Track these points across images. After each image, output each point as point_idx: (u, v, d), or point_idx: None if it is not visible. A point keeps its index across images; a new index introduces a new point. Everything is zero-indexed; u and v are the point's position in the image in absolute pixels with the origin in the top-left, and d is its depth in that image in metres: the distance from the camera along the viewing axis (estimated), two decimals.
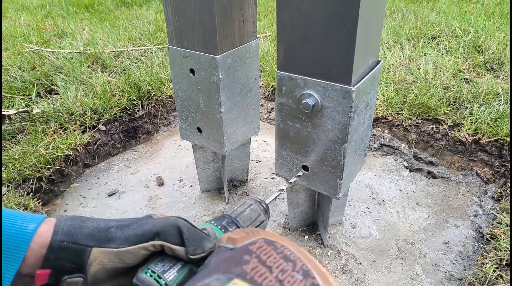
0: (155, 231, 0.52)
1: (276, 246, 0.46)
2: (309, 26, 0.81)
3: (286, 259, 0.44)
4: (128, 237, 0.52)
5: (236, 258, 0.44)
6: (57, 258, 0.50)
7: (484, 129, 1.55)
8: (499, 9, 3.21)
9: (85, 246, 0.51)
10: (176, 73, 1.17)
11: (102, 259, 0.51)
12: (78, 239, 0.51)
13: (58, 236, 0.50)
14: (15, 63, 2.20)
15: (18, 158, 1.45)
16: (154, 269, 0.51)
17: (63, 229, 0.51)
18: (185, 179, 1.61)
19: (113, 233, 0.53)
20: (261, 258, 0.44)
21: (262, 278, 0.41)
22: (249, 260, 0.43)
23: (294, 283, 0.41)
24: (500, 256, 1.09)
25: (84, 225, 0.53)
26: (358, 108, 0.88)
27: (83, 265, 0.51)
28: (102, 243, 0.52)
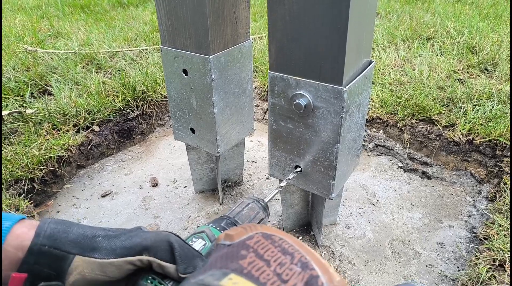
0: (145, 245, 0.49)
1: (274, 239, 0.45)
2: (300, 27, 0.81)
3: (284, 252, 0.43)
4: (115, 248, 0.49)
5: (233, 253, 0.43)
6: (35, 262, 0.47)
7: (478, 129, 1.55)
8: (493, 10, 3.23)
9: (67, 253, 0.48)
10: (169, 74, 1.17)
11: (83, 268, 0.48)
12: (60, 244, 0.48)
13: (39, 240, 0.47)
14: (9, 64, 2.19)
15: (10, 159, 1.44)
16: (154, 276, 0.49)
17: (45, 232, 0.48)
18: (179, 180, 1.61)
19: (99, 242, 0.50)
20: (258, 252, 0.43)
21: (260, 272, 0.40)
22: (246, 255, 0.42)
23: (293, 276, 0.40)
24: (493, 256, 1.09)
25: (69, 230, 0.50)
26: (350, 109, 0.88)
27: (62, 273, 0.48)
28: (85, 252, 0.49)
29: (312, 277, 0.41)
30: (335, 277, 0.43)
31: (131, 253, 0.49)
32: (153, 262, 0.48)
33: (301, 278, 0.40)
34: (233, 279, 0.38)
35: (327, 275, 0.43)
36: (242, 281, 0.38)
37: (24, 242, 0.47)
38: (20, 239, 0.47)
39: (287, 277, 0.40)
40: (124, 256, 0.49)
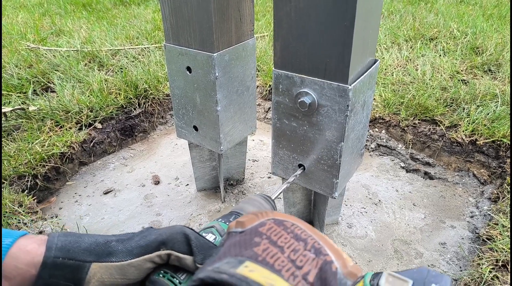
0: (161, 240, 0.48)
1: (286, 225, 0.45)
2: (306, 24, 0.81)
3: (297, 238, 0.43)
4: (131, 249, 0.48)
5: (246, 240, 0.43)
6: (51, 276, 0.46)
7: (481, 130, 1.55)
8: (497, 11, 3.22)
9: (82, 262, 0.47)
10: (172, 71, 1.16)
11: (101, 275, 0.47)
12: (74, 254, 0.47)
13: (52, 252, 0.46)
14: (12, 61, 2.19)
15: (13, 155, 1.44)
16: (165, 270, 0.49)
17: (57, 245, 0.47)
18: (181, 177, 1.60)
19: (113, 247, 0.48)
20: (271, 239, 0.43)
21: (274, 259, 0.40)
22: (260, 242, 0.42)
23: (307, 262, 0.40)
24: (496, 257, 1.09)
25: (80, 240, 0.49)
26: (355, 107, 0.88)
27: (80, 283, 0.47)
28: (101, 258, 0.47)
29: (326, 263, 0.41)
30: (349, 262, 0.43)
31: (149, 250, 0.48)
32: (171, 255, 0.47)
33: (315, 264, 0.40)
34: (249, 267, 0.38)
35: (340, 261, 0.43)
36: (257, 268, 0.38)
37: (36, 258, 0.46)
38: (31, 255, 0.46)
39: (301, 263, 0.40)
40: (142, 255, 0.48)
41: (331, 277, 0.40)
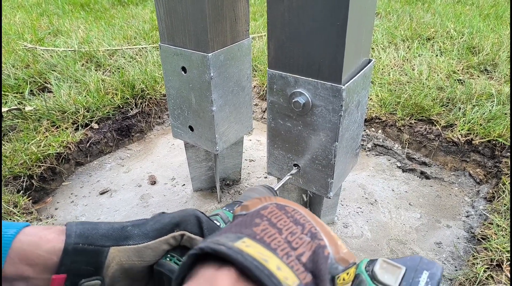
0: (174, 222, 0.51)
1: (287, 210, 0.47)
2: (299, 24, 0.81)
3: (296, 222, 0.45)
4: (147, 232, 0.51)
5: (247, 221, 0.45)
6: (72, 261, 0.48)
7: (477, 130, 1.55)
8: (494, 11, 3.23)
9: (101, 247, 0.49)
10: (167, 71, 1.17)
11: (120, 258, 0.50)
12: (93, 240, 0.49)
13: (72, 239, 0.48)
14: (9, 61, 2.19)
15: (9, 156, 1.44)
16: (172, 254, 0.51)
17: (75, 232, 0.49)
18: (178, 178, 1.60)
19: (129, 231, 0.51)
20: (271, 221, 0.45)
21: (271, 238, 0.42)
22: (260, 223, 0.44)
23: (302, 245, 0.43)
24: (491, 256, 1.09)
25: (97, 227, 0.51)
26: (349, 107, 0.88)
27: (100, 267, 0.49)
28: (119, 242, 0.50)
29: (320, 247, 0.43)
30: (342, 249, 0.46)
31: (164, 232, 0.51)
32: (184, 235, 0.50)
33: (310, 247, 0.43)
34: (246, 242, 0.40)
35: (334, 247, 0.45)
36: (254, 244, 0.40)
37: (57, 245, 0.48)
38: (52, 244, 0.48)
39: (297, 245, 0.42)
40: (158, 237, 0.50)
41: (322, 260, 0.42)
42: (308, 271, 0.41)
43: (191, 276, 0.40)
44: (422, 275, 0.47)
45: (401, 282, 0.47)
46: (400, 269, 0.48)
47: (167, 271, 0.50)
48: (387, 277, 0.47)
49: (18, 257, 0.47)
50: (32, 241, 0.48)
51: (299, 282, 0.39)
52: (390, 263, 0.49)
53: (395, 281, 0.47)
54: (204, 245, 0.39)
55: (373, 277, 0.48)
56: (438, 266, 0.49)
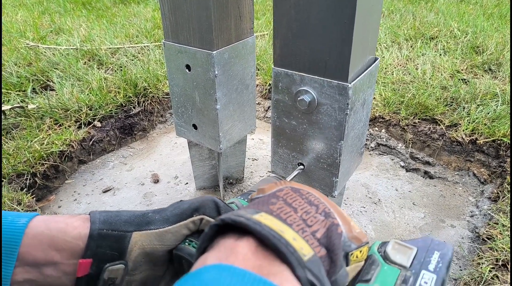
0: (194, 207, 0.54)
1: (301, 192, 0.49)
2: (305, 22, 0.80)
3: (310, 203, 0.47)
4: (167, 218, 0.53)
5: (264, 200, 0.48)
6: (98, 246, 0.50)
7: (482, 129, 1.54)
8: (498, 10, 3.22)
9: (124, 232, 0.52)
10: (171, 69, 1.16)
11: (142, 242, 0.52)
12: (117, 226, 0.52)
13: (96, 225, 0.51)
14: (11, 59, 2.19)
15: (12, 154, 1.44)
16: (191, 238, 0.54)
17: (99, 219, 0.52)
18: (181, 176, 1.60)
19: (150, 217, 0.54)
20: (287, 201, 0.47)
21: (287, 215, 0.44)
22: (276, 202, 0.47)
23: (316, 222, 0.45)
24: (496, 256, 1.09)
25: (119, 214, 0.54)
26: (354, 105, 0.87)
27: (123, 252, 0.52)
28: (141, 227, 0.53)
29: (333, 225, 0.45)
30: (355, 229, 0.48)
31: (184, 217, 0.53)
32: (203, 219, 0.53)
33: (324, 225, 0.45)
34: (263, 216, 0.43)
35: (347, 226, 0.47)
36: (271, 218, 0.43)
37: (83, 231, 0.51)
38: (78, 230, 0.51)
39: (311, 223, 0.45)
40: (178, 222, 0.53)
41: (336, 236, 0.44)
42: (323, 246, 0.43)
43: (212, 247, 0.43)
44: (433, 255, 0.49)
45: (413, 262, 0.49)
46: (412, 249, 0.50)
47: (186, 255, 0.51)
48: (399, 257, 0.49)
49: (47, 243, 0.50)
50: (60, 228, 0.51)
51: (314, 254, 0.41)
52: (402, 244, 0.51)
53: (406, 260, 0.48)
54: (224, 217, 0.42)
55: (385, 258, 0.50)
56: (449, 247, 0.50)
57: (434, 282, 0.46)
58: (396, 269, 0.49)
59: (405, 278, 0.47)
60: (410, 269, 0.48)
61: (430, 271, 0.47)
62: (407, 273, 0.48)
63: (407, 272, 0.48)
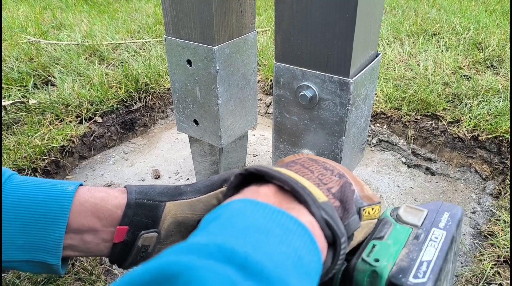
0: (223, 179, 0.57)
1: (318, 161, 0.54)
2: (307, 16, 0.80)
3: (326, 169, 0.52)
4: (199, 189, 0.57)
5: (283, 165, 0.52)
6: (134, 214, 0.54)
7: (484, 125, 1.54)
8: (500, 6, 3.20)
9: (159, 202, 0.55)
10: (172, 64, 1.16)
11: (174, 212, 0.56)
12: (152, 196, 0.56)
13: (133, 195, 0.55)
14: (12, 54, 2.18)
15: (13, 149, 1.44)
16: None
17: (135, 190, 0.56)
18: (182, 172, 1.60)
19: (183, 189, 0.58)
20: (304, 165, 0.52)
21: (304, 174, 0.49)
22: (294, 166, 0.51)
23: (331, 182, 0.49)
24: (498, 253, 1.08)
25: (154, 187, 0.58)
26: (356, 101, 0.87)
27: (157, 220, 0.55)
28: (174, 197, 0.56)
29: (347, 183, 0.49)
30: (367, 190, 0.53)
31: (214, 188, 0.57)
32: None
33: (338, 183, 0.49)
34: (281, 169, 0.47)
35: (359, 186, 0.52)
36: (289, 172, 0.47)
37: (121, 201, 0.55)
38: (118, 200, 0.55)
39: (327, 181, 0.49)
40: (209, 192, 0.57)
41: (349, 192, 0.48)
42: (337, 199, 0.47)
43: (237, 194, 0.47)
44: (443, 215, 0.53)
45: (424, 221, 0.52)
46: (423, 211, 0.54)
47: None
48: (411, 217, 0.53)
49: (91, 210, 0.54)
50: (102, 197, 0.55)
51: (327, 200, 0.45)
52: (413, 207, 0.55)
53: (418, 220, 0.52)
54: (248, 167, 0.47)
55: (397, 219, 0.54)
56: (459, 208, 0.54)
57: (444, 237, 0.49)
58: (408, 228, 0.52)
59: (416, 235, 0.50)
60: (421, 227, 0.51)
61: (440, 228, 0.50)
62: (418, 230, 0.51)
63: (419, 230, 0.51)
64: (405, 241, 0.49)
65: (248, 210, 0.40)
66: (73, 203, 0.53)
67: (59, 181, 0.56)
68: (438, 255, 0.47)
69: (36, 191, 0.53)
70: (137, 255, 0.57)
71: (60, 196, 0.53)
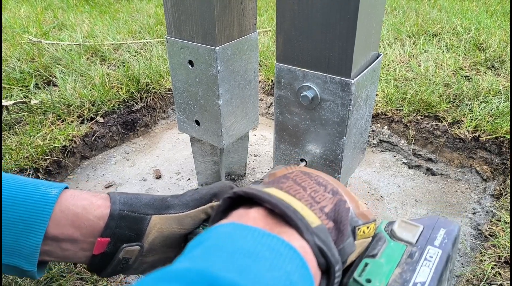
0: (212, 193, 0.55)
1: (311, 175, 0.51)
2: (308, 17, 0.80)
3: (319, 184, 0.49)
4: (187, 202, 0.55)
5: (275, 181, 0.50)
6: (117, 226, 0.52)
7: (484, 126, 1.54)
8: (501, 7, 3.20)
9: (144, 214, 0.53)
10: (174, 65, 1.16)
11: (161, 225, 0.53)
12: (136, 208, 0.53)
13: (117, 206, 0.52)
14: (14, 54, 2.19)
15: (15, 149, 1.44)
16: (205, 224, 0.55)
17: (120, 200, 0.53)
18: (183, 172, 1.60)
19: (170, 202, 0.55)
20: (297, 181, 0.49)
21: (296, 192, 0.46)
22: (286, 182, 0.48)
23: (325, 200, 0.46)
24: (499, 253, 1.09)
25: (139, 197, 0.55)
26: (357, 102, 0.87)
27: (141, 234, 0.53)
28: (161, 210, 0.54)
29: (341, 201, 0.47)
30: (362, 207, 0.50)
31: (203, 202, 0.55)
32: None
33: (332, 201, 0.46)
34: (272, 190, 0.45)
35: (354, 204, 0.49)
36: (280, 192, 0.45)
37: (105, 211, 0.52)
38: (100, 209, 0.52)
39: (320, 200, 0.46)
40: (197, 207, 0.55)
41: (343, 212, 0.46)
42: (330, 219, 0.45)
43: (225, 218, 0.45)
44: (439, 232, 0.50)
45: (419, 238, 0.50)
46: (418, 227, 0.51)
47: None
48: (405, 234, 0.51)
49: (71, 219, 0.51)
50: (84, 205, 0.52)
51: (321, 223, 0.43)
52: (408, 222, 0.52)
53: (412, 237, 0.50)
54: (237, 190, 0.45)
55: (392, 235, 0.51)
56: (456, 224, 0.52)
57: (439, 256, 0.47)
58: (402, 245, 0.50)
59: (411, 253, 0.48)
60: (416, 245, 0.49)
61: (435, 246, 0.48)
62: (413, 248, 0.49)
63: (413, 247, 0.49)
64: (398, 260, 0.47)
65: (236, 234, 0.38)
66: (54, 210, 0.50)
67: (44, 183, 0.53)
68: (432, 276, 0.45)
69: (17, 191, 0.50)
70: (117, 266, 0.54)
71: (42, 201, 0.50)
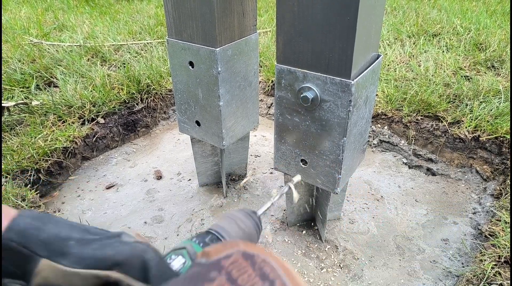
0: (117, 260, 0.45)
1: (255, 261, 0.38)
2: (308, 19, 0.80)
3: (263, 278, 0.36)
4: (85, 257, 0.45)
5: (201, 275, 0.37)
6: (3, 257, 0.44)
7: (484, 126, 1.54)
8: (501, 7, 3.20)
9: (34, 254, 0.45)
10: (175, 66, 1.16)
11: (48, 274, 0.45)
12: (30, 243, 0.45)
13: (10, 234, 0.45)
14: (15, 56, 2.19)
15: (16, 150, 1.45)
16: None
17: (19, 226, 0.45)
18: (184, 173, 1.61)
19: (70, 247, 0.46)
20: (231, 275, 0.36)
21: None
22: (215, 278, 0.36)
23: None
24: (499, 253, 1.09)
25: (43, 228, 0.47)
26: (357, 102, 0.87)
27: (27, 274, 0.45)
28: (53, 256, 0.46)
29: None
30: None
31: (101, 266, 0.45)
32: (122, 282, 0.44)
33: None
34: None
35: None
36: None
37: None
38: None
39: None
40: (93, 268, 0.45)
41: None
42: None
43: None
44: None
45: None
46: None
47: None
48: None
49: None
50: None
51: None
52: None
53: None
54: None
55: None
56: None
57: None
58: None
59: None
60: None
61: None
62: None
63: None
64: None
65: None
66: None
67: None
68: None
69: None
70: None
71: None
